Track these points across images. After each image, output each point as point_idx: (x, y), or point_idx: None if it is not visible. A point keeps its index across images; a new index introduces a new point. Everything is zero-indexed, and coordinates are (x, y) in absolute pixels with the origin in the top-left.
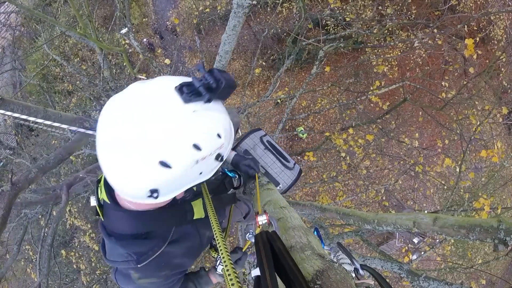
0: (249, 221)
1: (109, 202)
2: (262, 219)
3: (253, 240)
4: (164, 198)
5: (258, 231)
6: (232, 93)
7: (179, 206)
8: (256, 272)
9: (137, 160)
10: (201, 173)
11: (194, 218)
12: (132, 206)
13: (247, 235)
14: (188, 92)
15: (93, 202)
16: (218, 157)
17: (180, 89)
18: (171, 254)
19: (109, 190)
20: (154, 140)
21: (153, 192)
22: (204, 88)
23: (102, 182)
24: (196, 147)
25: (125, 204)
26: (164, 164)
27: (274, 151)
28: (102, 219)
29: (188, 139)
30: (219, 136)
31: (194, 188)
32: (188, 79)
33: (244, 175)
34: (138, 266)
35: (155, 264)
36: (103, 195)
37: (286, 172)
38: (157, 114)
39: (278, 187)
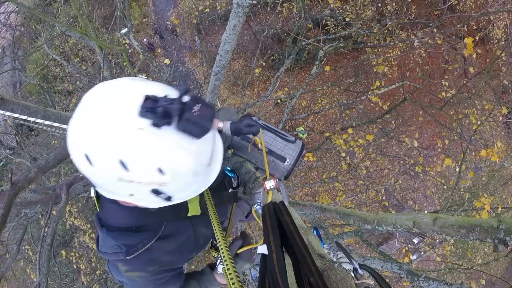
0: (256, 190)
1: None
2: (270, 184)
3: (260, 212)
4: (103, 193)
5: (266, 199)
6: (232, 93)
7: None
8: (262, 249)
9: (75, 147)
10: (131, 195)
11: (189, 215)
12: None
13: (254, 206)
14: (146, 106)
15: (92, 193)
16: (157, 192)
17: (147, 99)
18: (160, 250)
19: None
20: (90, 133)
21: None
22: (162, 110)
23: None
24: (123, 164)
25: None
26: (87, 158)
27: (271, 130)
28: (98, 210)
29: (118, 151)
30: (160, 171)
31: None
32: (172, 91)
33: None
34: (127, 258)
35: (143, 258)
36: None
37: (289, 145)
38: (110, 112)
39: (285, 163)
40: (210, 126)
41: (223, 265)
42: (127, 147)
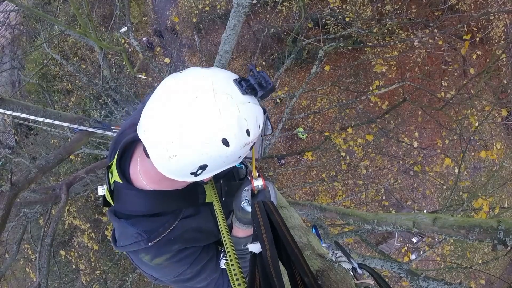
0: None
1: (122, 182)
2: (258, 183)
3: (249, 210)
4: (205, 175)
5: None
6: None
7: (191, 188)
8: (253, 248)
9: (205, 134)
10: (239, 157)
11: (206, 201)
12: (148, 186)
13: (242, 203)
14: (247, 86)
15: (100, 191)
16: (252, 146)
17: (240, 82)
18: (183, 227)
19: (123, 171)
20: (224, 118)
21: (200, 168)
22: (258, 85)
23: (114, 165)
24: (248, 132)
25: (139, 184)
26: (225, 142)
27: None
28: (113, 204)
29: (245, 124)
30: (259, 127)
31: None
32: (224, 72)
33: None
34: (149, 245)
35: (165, 240)
36: (115, 178)
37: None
38: (226, 96)
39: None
40: (275, 89)
41: (226, 259)
42: (249, 118)
